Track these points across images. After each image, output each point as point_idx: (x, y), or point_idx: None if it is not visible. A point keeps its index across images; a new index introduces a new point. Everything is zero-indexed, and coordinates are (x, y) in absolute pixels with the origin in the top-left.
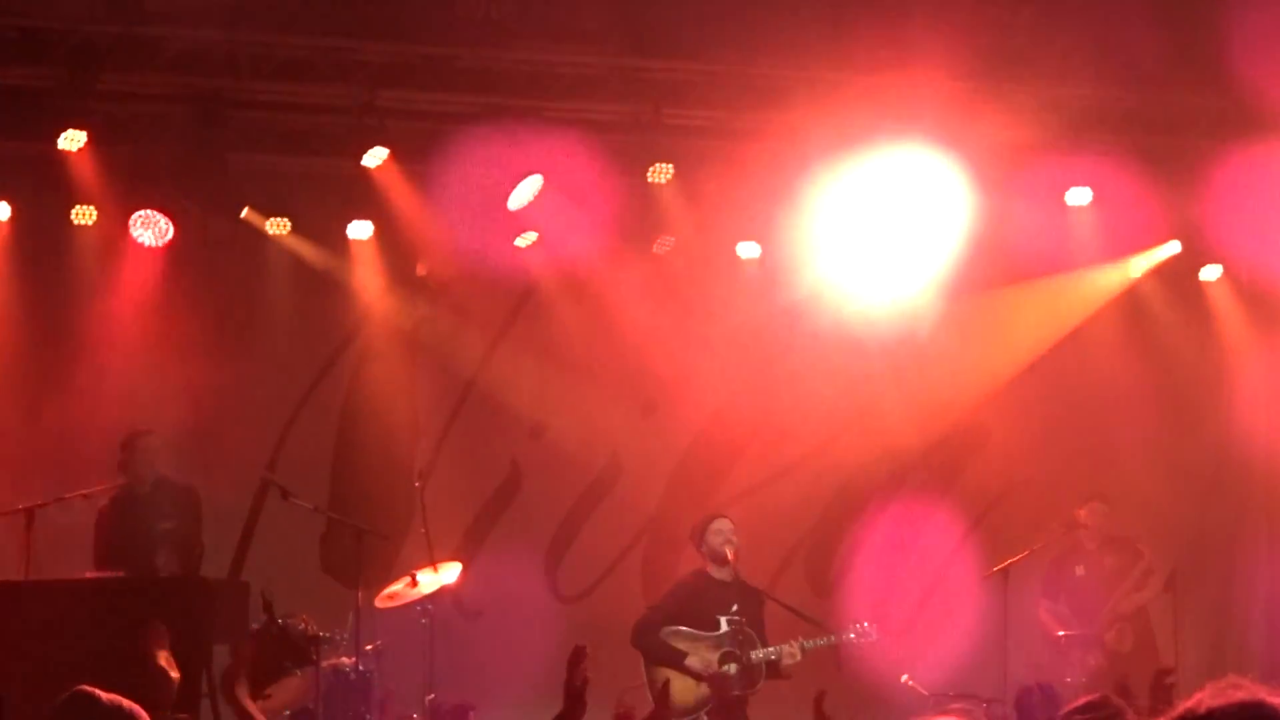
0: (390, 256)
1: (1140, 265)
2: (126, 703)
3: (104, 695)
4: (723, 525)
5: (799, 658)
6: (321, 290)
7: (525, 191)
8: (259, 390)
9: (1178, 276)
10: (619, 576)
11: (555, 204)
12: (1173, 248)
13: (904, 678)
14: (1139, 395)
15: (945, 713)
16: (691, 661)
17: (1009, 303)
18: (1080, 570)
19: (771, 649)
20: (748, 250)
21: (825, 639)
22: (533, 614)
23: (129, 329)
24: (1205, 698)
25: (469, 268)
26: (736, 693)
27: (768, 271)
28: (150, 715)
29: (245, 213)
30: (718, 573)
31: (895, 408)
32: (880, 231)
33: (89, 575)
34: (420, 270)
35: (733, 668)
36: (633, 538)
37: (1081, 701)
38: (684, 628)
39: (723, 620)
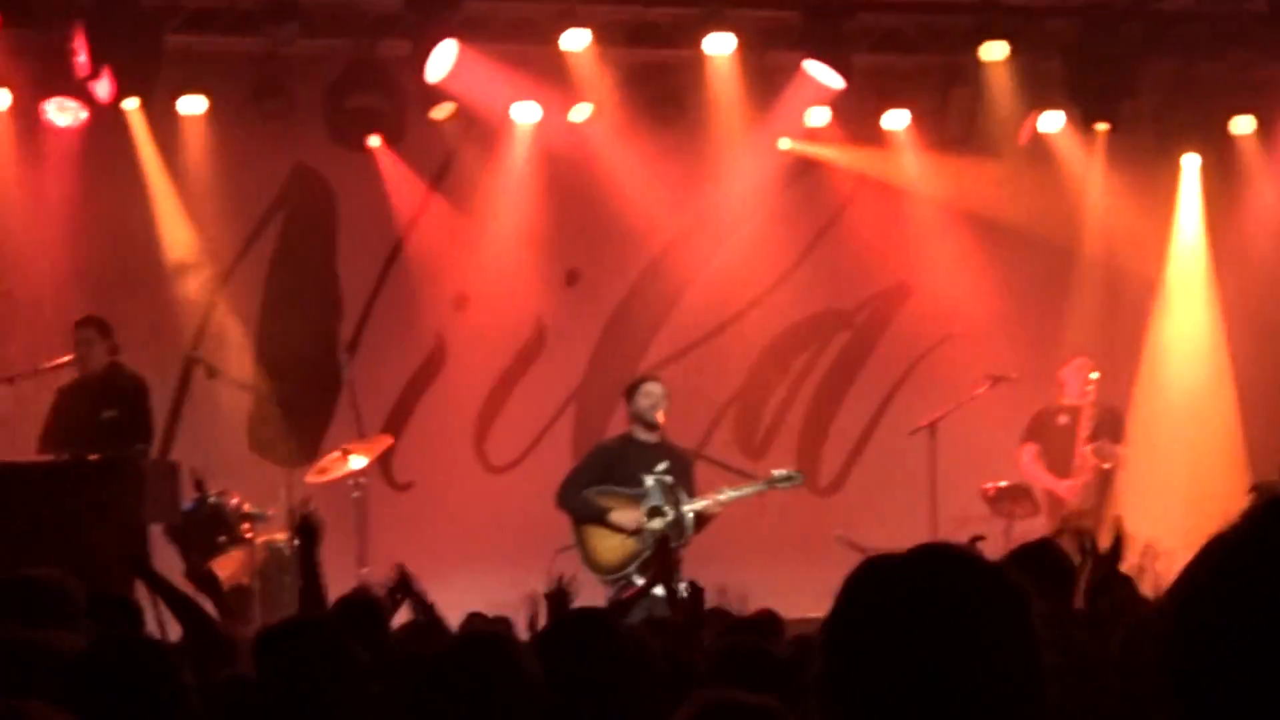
0: (304, 131)
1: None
2: (59, 574)
3: (40, 572)
4: (653, 388)
5: (724, 506)
6: (241, 168)
7: (442, 60)
8: (181, 269)
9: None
10: (548, 445)
11: (472, 74)
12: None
13: (837, 534)
14: (1067, 251)
15: None
16: (616, 516)
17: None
18: (1063, 419)
19: (698, 500)
20: (669, 115)
21: (752, 485)
22: (463, 485)
23: (47, 211)
24: None
25: (386, 140)
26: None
27: (684, 135)
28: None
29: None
30: (643, 435)
31: (819, 267)
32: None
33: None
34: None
35: (659, 522)
36: (560, 405)
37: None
38: (610, 486)
39: (647, 479)
